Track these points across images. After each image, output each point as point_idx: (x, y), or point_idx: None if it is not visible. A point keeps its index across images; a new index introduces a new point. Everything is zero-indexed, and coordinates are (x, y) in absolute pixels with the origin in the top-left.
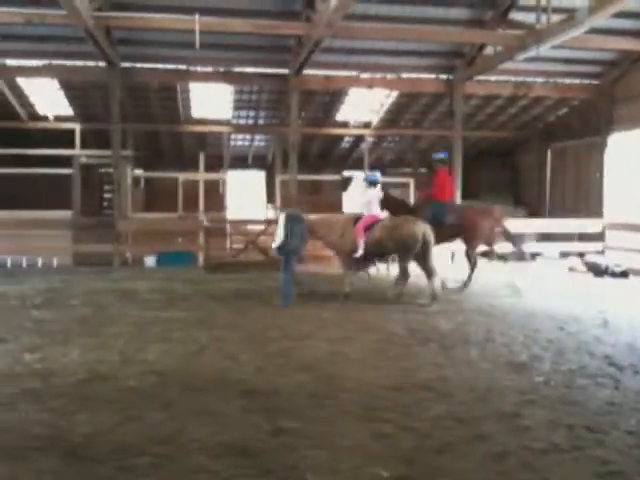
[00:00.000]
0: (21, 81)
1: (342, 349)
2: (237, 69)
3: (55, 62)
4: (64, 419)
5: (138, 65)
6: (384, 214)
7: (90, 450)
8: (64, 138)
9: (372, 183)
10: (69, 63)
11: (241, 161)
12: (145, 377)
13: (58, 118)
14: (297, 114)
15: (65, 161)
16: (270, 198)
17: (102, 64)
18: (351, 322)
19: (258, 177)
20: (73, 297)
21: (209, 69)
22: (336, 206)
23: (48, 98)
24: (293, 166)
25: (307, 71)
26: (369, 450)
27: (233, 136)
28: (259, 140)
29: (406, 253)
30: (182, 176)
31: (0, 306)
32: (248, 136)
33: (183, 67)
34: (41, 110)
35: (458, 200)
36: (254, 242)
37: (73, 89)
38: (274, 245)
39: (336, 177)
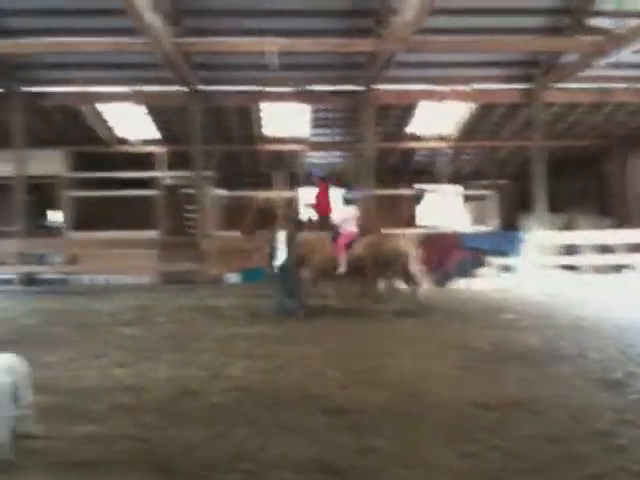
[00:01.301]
0: (108, 107)
1: (428, 366)
2: (310, 88)
3: (139, 88)
4: (155, 434)
5: (216, 88)
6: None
7: (180, 465)
8: (149, 161)
9: (349, 201)
10: (152, 89)
11: None
12: (231, 393)
13: (144, 141)
14: (372, 130)
15: (150, 183)
16: None
17: (183, 88)
18: (436, 339)
19: (335, 193)
20: (161, 314)
21: (283, 89)
22: (413, 220)
23: (133, 123)
24: (369, 182)
25: (380, 86)
26: (457, 469)
27: (309, 154)
28: (334, 157)
29: (389, 268)
30: (259, 195)
31: (93, 323)
32: (324, 153)
33: (258, 88)
34: (126, 134)
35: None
36: None
37: (157, 113)
38: (277, 262)
39: (411, 192)
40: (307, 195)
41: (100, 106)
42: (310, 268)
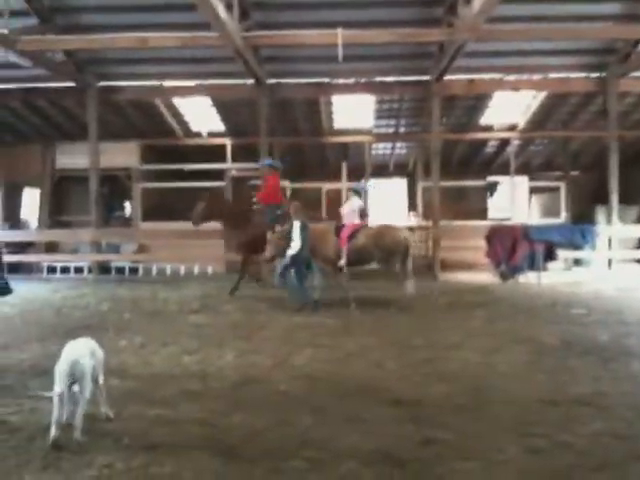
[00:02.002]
0: (177, 100)
1: (491, 360)
2: (378, 79)
3: (207, 82)
4: (221, 420)
5: (283, 81)
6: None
7: (245, 451)
8: (216, 153)
9: (358, 193)
10: (220, 82)
11: (382, 169)
12: (295, 381)
13: (211, 134)
14: (439, 120)
15: (217, 175)
16: (412, 205)
17: (250, 81)
18: (500, 332)
19: (399, 185)
20: (226, 303)
21: (351, 81)
22: (482, 213)
23: (201, 115)
24: (435, 173)
25: (449, 76)
26: (523, 465)
27: (374, 145)
28: (400, 148)
29: (391, 259)
30: (325, 186)
31: (162, 311)
32: (389, 144)
33: (326, 80)
34: (195, 127)
35: None
36: None
37: (224, 106)
38: (290, 253)
39: (480, 183)
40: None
41: (170, 99)
42: (319, 259)
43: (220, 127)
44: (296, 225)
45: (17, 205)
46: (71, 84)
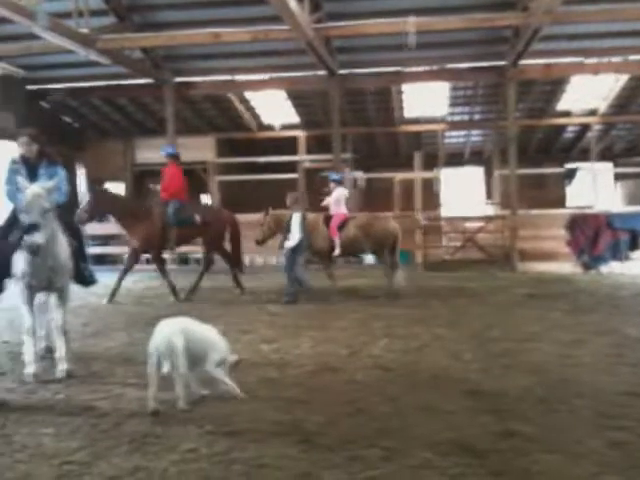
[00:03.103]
0: (250, 94)
1: (572, 352)
2: (451, 66)
3: (280, 75)
4: (299, 408)
5: (355, 71)
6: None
7: (323, 438)
8: (289, 145)
9: (338, 182)
10: (292, 74)
11: (457, 158)
12: (371, 371)
13: (284, 126)
14: (514, 106)
15: (291, 167)
16: (488, 194)
17: (322, 73)
18: (582, 324)
19: (475, 173)
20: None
21: (423, 68)
22: (560, 201)
23: (274, 108)
24: (512, 160)
25: (525, 61)
26: (605, 458)
27: (448, 133)
28: (475, 135)
29: (380, 249)
30: (398, 176)
31: (239, 301)
32: (463, 132)
33: (397, 69)
34: (268, 120)
35: None
36: (472, 239)
37: (297, 98)
38: (289, 244)
39: (559, 170)
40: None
41: (244, 93)
42: (311, 250)
43: (293, 119)
44: (296, 216)
45: None
46: (149, 81)
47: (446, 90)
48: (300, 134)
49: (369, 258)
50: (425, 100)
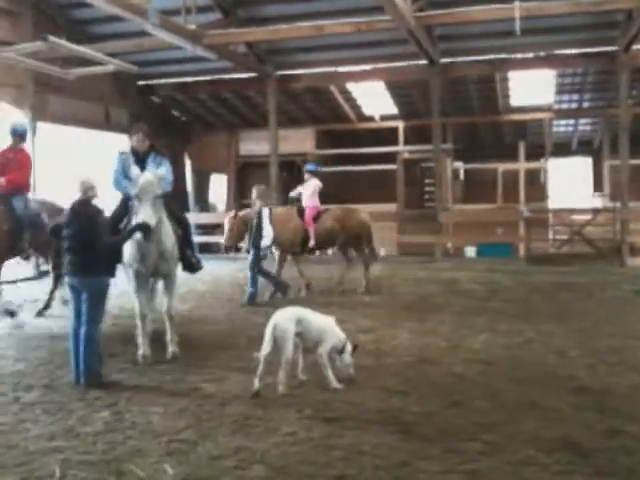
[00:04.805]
0: (350, 85)
1: None
2: (558, 52)
3: (381, 65)
4: (396, 398)
5: (457, 59)
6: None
7: (421, 429)
8: (388, 136)
9: (313, 173)
10: (393, 65)
11: (564, 148)
12: (471, 365)
13: (383, 117)
14: (627, 93)
15: (389, 157)
16: (598, 186)
17: (423, 62)
18: None
19: (583, 164)
20: (398, 284)
21: (529, 55)
22: None
23: (373, 99)
24: (624, 150)
25: (638, 46)
26: None
27: (555, 122)
28: (584, 124)
29: (355, 242)
30: (501, 166)
31: (335, 291)
32: (571, 121)
33: (502, 56)
34: (368, 111)
35: None
36: (580, 233)
37: (396, 89)
38: (266, 242)
39: None
40: None
41: (344, 85)
42: (284, 243)
43: (392, 110)
44: (265, 212)
45: (206, 190)
46: (252, 75)
47: (552, 77)
48: (399, 124)
49: (470, 251)
50: (530, 87)
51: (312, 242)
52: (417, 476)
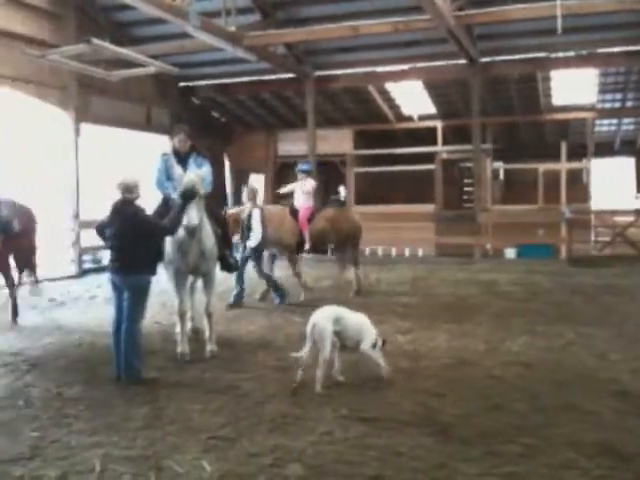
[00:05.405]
0: (388, 85)
1: None
2: (601, 50)
3: (419, 65)
4: (434, 399)
5: (497, 58)
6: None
7: (459, 431)
8: (426, 136)
9: (308, 173)
10: (431, 64)
11: (607, 148)
12: (509, 367)
13: (422, 117)
14: None
15: (427, 158)
16: None
17: (462, 62)
18: None
19: (626, 164)
20: (436, 286)
21: (571, 54)
22: None
23: (412, 99)
24: None
25: None
26: None
27: (597, 122)
28: (627, 124)
29: (346, 242)
30: (542, 167)
31: (374, 292)
32: (614, 120)
33: (543, 55)
34: (406, 111)
35: None
36: (622, 234)
37: (435, 88)
38: (251, 243)
39: None
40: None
41: (382, 85)
42: (278, 245)
43: (431, 110)
44: (256, 213)
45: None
46: (291, 75)
47: (594, 76)
48: (437, 124)
49: (510, 252)
50: (572, 87)
51: (307, 245)
52: (455, 478)
